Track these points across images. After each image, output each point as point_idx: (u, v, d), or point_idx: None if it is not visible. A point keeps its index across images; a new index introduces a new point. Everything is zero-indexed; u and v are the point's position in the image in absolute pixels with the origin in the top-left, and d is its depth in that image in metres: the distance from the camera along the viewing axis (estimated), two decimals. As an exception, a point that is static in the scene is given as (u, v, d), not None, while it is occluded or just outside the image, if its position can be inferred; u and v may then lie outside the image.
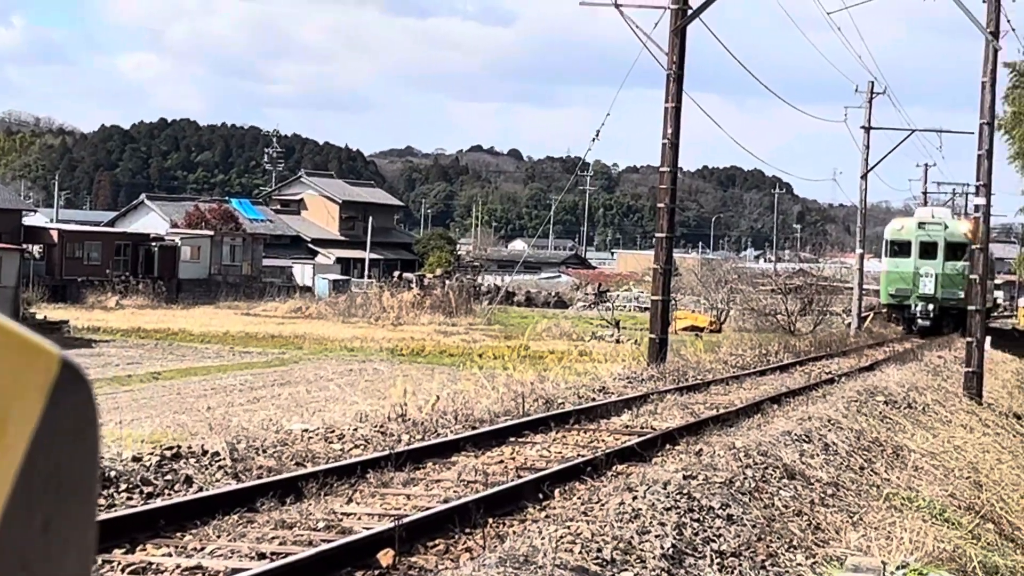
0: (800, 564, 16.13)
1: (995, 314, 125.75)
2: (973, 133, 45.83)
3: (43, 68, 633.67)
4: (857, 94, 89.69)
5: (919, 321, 75.90)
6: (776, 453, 22.38)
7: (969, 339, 45.40)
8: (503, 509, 17.22)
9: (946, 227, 75.97)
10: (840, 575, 10.91)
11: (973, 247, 52.18)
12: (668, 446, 23.76)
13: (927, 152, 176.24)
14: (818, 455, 23.47)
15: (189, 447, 20.61)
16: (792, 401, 32.75)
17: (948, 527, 19.81)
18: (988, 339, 50.56)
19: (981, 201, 46.35)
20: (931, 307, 74.51)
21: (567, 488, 18.94)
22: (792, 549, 16.79)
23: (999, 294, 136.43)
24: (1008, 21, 46.61)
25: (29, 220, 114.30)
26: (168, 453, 19.50)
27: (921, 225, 76.61)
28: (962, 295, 69.11)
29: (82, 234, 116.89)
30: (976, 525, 20.87)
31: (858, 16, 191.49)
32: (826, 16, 61.01)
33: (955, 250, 73.57)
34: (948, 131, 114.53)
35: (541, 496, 18.26)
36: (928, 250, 74.70)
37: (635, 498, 17.36)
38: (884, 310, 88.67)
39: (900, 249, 78.66)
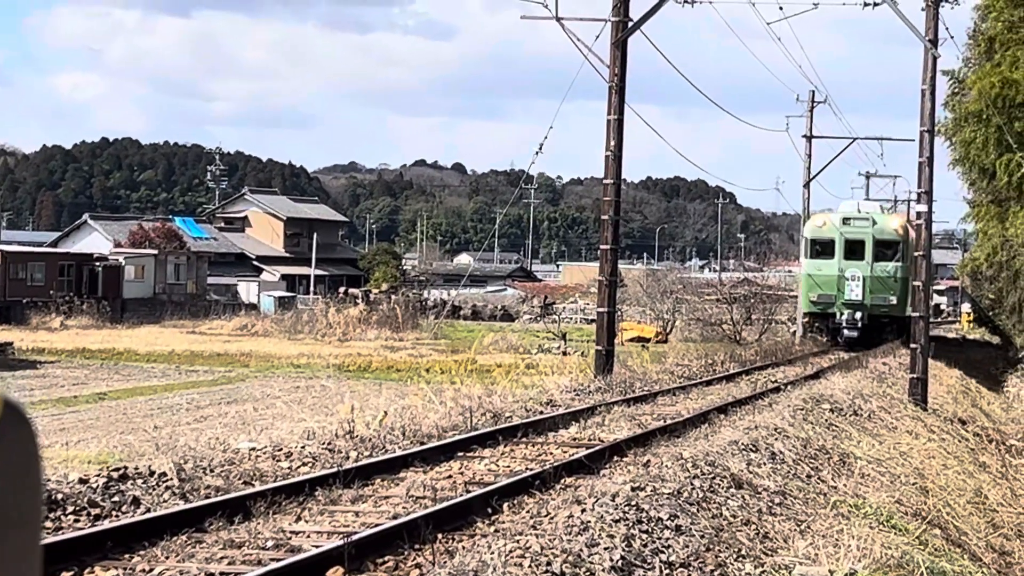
0: (749, 574, 16.10)
1: (937, 320, 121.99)
2: (914, 140, 45.86)
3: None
4: (798, 103, 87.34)
5: (845, 332, 64.11)
6: (723, 463, 22.36)
7: (913, 345, 45.30)
8: (452, 524, 17.14)
9: (874, 223, 64.18)
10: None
11: (905, 245, 52.49)
12: (616, 458, 23.63)
13: (869, 160, 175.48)
14: (765, 464, 23.42)
15: (136, 468, 20.36)
16: (739, 410, 32.70)
17: (895, 533, 19.85)
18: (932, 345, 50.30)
19: (923, 208, 46.39)
20: (859, 315, 62.83)
21: (516, 502, 18.86)
22: (741, 559, 16.76)
23: (942, 300, 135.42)
24: (947, 28, 46.81)
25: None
26: (115, 474, 19.29)
27: (846, 221, 64.64)
28: (895, 301, 61.77)
29: (25, 255, 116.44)
30: (923, 531, 20.92)
31: (798, 26, 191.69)
32: (766, 27, 60.84)
33: (885, 249, 62.66)
34: (889, 139, 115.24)
35: (490, 511, 18.15)
36: (854, 249, 62.78)
37: (584, 511, 17.35)
38: (806, 319, 75.25)
39: (822, 249, 66.06)
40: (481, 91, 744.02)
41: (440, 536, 16.42)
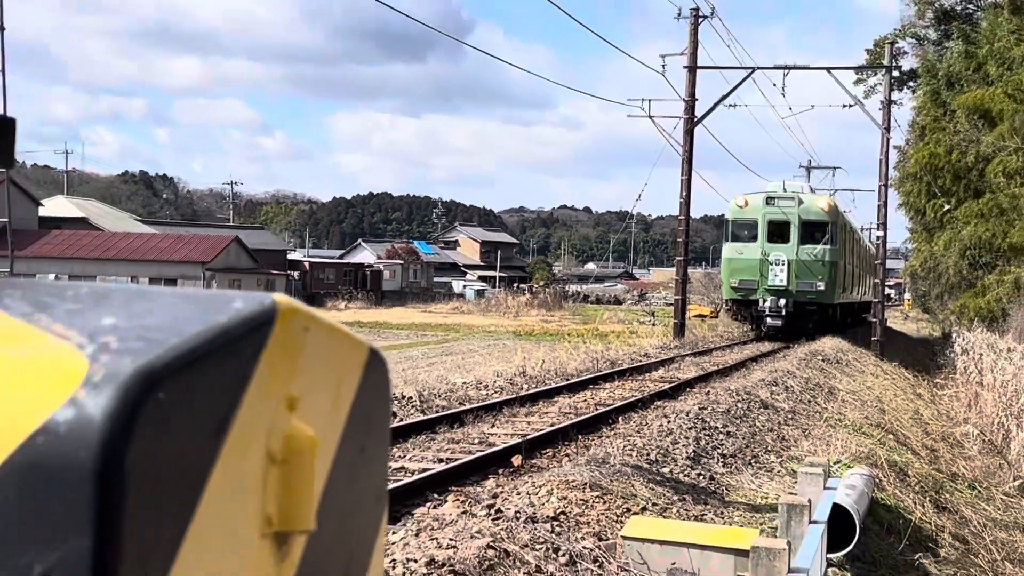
0: (773, 462, 16.12)
1: (888, 304, 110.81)
2: (875, 191, 45.44)
3: (296, 162, 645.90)
4: (800, 168, 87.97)
5: (768, 320, 43.45)
6: (756, 392, 22.43)
7: (874, 319, 44.79)
8: (587, 430, 17.08)
9: (801, 203, 43.66)
10: (800, 468, 11.10)
11: (835, 226, 37.27)
12: (688, 389, 23.55)
13: (848, 204, 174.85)
14: (781, 393, 23.46)
15: (393, 394, 20.52)
16: (765, 360, 32.61)
17: (864, 437, 19.84)
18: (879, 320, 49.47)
19: (880, 233, 45.85)
20: (783, 302, 42.29)
21: (626, 416, 18.68)
22: (767, 452, 16.76)
23: (892, 291, 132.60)
24: (895, 121, 46.60)
25: (291, 256, 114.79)
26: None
27: (769, 201, 43.88)
28: (822, 286, 41.05)
29: (322, 264, 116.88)
30: (882, 436, 20.88)
31: (801, 119, 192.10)
32: (781, 120, 61.39)
33: (812, 231, 41.99)
34: (859, 190, 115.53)
35: (610, 421, 18.13)
36: (779, 232, 42.21)
37: (668, 421, 17.54)
38: (728, 307, 50.64)
39: (744, 232, 44.39)
40: (601, 160, 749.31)
41: (579, 437, 16.41)
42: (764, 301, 40.10)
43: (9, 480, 1.07)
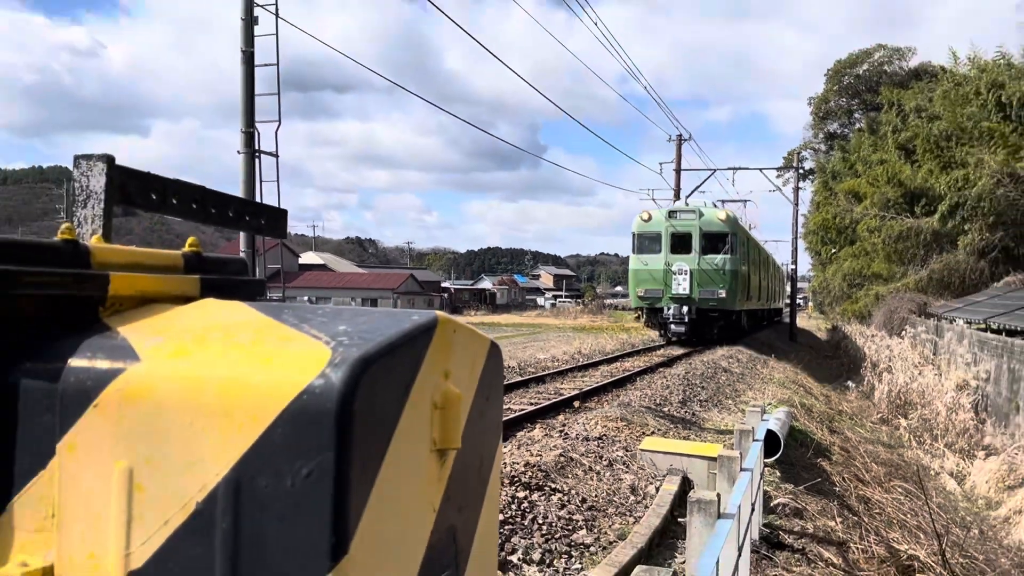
0: (731, 404, 16.07)
1: (797, 308, 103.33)
2: (789, 241, 44.66)
3: (445, 229, 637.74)
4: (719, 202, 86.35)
5: (672, 327, 29.77)
6: (719, 363, 22.24)
7: (789, 313, 44.07)
8: (619, 387, 16.76)
9: (701, 215, 30.01)
10: (748, 408, 10.96)
11: (734, 237, 28.39)
12: (679, 360, 22.80)
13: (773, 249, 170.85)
14: (735, 362, 23.20)
15: (504, 365, 20.20)
16: (726, 344, 32.12)
17: (785, 390, 19.61)
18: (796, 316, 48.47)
19: (793, 266, 45.21)
20: (686, 309, 29.25)
21: (642, 376, 18.47)
22: (727, 399, 16.72)
23: (801, 300, 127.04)
24: (801, 199, 45.84)
25: (443, 284, 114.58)
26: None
27: (672, 215, 29.98)
28: (723, 294, 29.66)
29: (461, 289, 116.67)
30: (796, 389, 20.63)
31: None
32: (733, 200, 60.56)
33: (713, 241, 29.62)
34: (780, 240, 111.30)
35: (632, 381, 17.70)
36: (681, 243, 29.46)
37: (667, 381, 17.45)
38: (637, 316, 33.87)
39: (649, 243, 30.05)
40: (624, 226, 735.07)
41: (613, 389, 16.17)
42: (668, 309, 28.20)
43: (287, 420, 1.09)
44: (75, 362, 1.18)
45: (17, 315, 1.20)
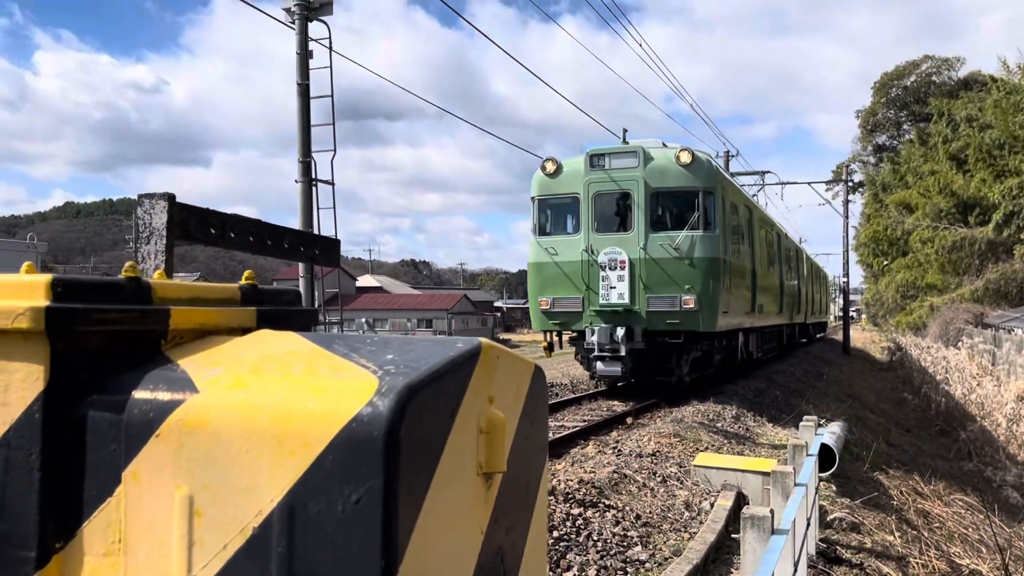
0: (785, 420, 15.78)
1: (851, 321, 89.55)
2: (840, 254, 43.86)
3: (495, 250, 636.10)
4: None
5: (599, 365, 12.75)
6: (773, 378, 21.71)
7: (844, 328, 43.14)
8: (672, 404, 15.84)
9: (648, 160, 11.36)
10: (802, 422, 10.71)
11: (711, 197, 12.93)
12: (736, 379, 22.46)
13: (824, 262, 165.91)
14: (791, 376, 22.60)
15: (548, 387, 19.25)
16: (702, 397, 31.45)
17: (841, 404, 19.24)
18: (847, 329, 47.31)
19: (845, 279, 44.41)
20: (621, 333, 11.83)
21: (696, 393, 18.30)
22: (780, 412, 16.39)
23: (855, 313, 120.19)
24: (851, 211, 45.24)
25: (495, 303, 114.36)
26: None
27: (596, 162, 11.34)
28: (692, 303, 12.09)
29: (513, 308, 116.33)
30: (851, 403, 20.22)
31: (794, 213, 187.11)
32: (780, 215, 59.60)
33: (671, 205, 11.50)
34: (830, 253, 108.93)
35: (686, 398, 16.90)
36: (615, 212, 11.47)
37: (720, 396, 17.12)
38: (545, 342, 14.26)
39: (557, 216, 12.31)
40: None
41: (666, 406, 15.87)
42: (592, 333, 13.92)
43: (337, 447, 1.12)
44: (138, 394, 1.22)
45: (85, 350, 1.24)
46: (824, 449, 9.86)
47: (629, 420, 13.88)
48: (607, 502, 7.87)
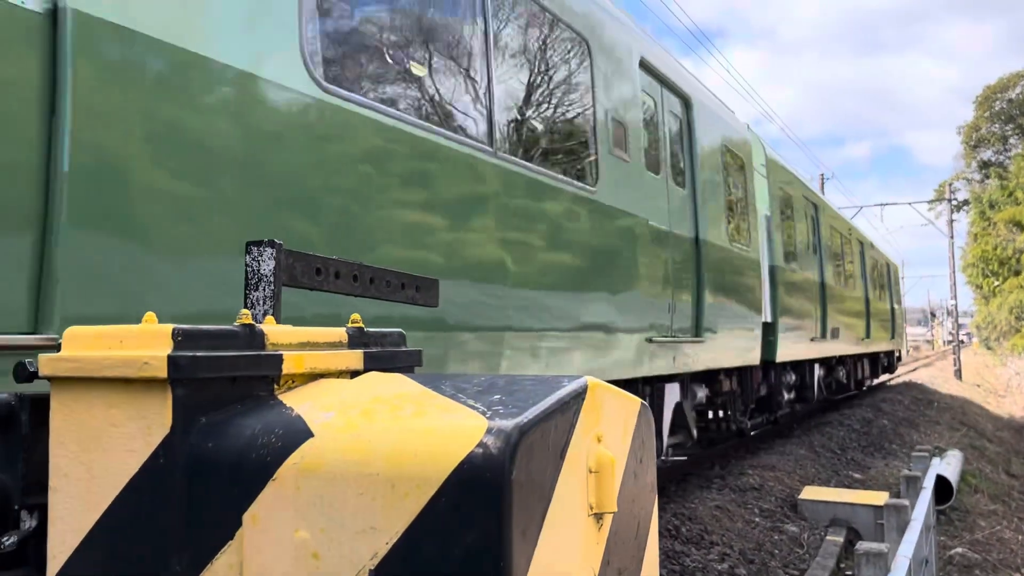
0: (896, 448, 15.24)
1: (960, 344, 79.40)
2: (947, 275, 42.35)
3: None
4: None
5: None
6: (876, 405, 20.98)
7: (954, 354, 41.30)
8: (778, 435, 15.93)
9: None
10: (914, 453, 10.31)
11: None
12: (841, 406, 21.86)
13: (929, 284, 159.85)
14: (898, 405, 21.80)
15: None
16: (884, 387, 30.34)
17: (954, 432, 18.45)
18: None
19: (953, 301, 42.65)
20: None
21: (800, 424, 17.82)
22: (890, 443, 15.83)
23: (965, 336, 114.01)
24: (954, 231, 43.54)
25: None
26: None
27: None
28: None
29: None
30: (965, 432, 19.36)
31: (895, 233, 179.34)
32: (882, 237, 57.68)
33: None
34: (935, 275, 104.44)
35: (791, 429, 17.22)
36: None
37: (825, 427, 16.60)
38: None
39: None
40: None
41: (771, 438, 15.75)
42: None
43: (449, 489, 1.13)
44: (255, 438, 1.26)
45: (204, 396, 1.29)
46: (940, 481, 9.43)
47: (731, 453, 13.61)
48: (710, 538, 7.68)
